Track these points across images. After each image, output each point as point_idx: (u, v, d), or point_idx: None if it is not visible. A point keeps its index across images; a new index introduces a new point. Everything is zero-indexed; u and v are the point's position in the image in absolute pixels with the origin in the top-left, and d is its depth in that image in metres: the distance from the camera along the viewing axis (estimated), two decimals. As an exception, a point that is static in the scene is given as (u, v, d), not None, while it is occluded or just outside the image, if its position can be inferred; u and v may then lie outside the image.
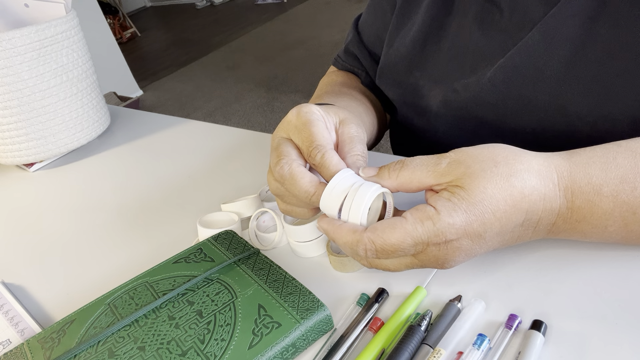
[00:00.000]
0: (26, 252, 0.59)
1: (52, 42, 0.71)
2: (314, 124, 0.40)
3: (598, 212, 0.35)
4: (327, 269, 0.45)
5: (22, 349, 0.40)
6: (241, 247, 0.46)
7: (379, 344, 0.35)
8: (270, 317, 0.37)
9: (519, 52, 0.47)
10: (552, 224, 0.36)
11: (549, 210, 0.35)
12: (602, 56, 0.43)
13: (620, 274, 0.37)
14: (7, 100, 0.70)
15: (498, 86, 0.49)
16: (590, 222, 0.36)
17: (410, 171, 0.36)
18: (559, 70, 0.45)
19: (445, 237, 0.33)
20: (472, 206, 0.33)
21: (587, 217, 0.35)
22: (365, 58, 0.67)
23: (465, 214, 0.33)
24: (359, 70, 0.69)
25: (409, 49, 0.57)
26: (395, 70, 0.60)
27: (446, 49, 0.54)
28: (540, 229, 0.36)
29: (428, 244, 0.34)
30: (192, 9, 6.18)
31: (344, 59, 0.71)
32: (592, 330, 0.34)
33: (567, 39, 0.44)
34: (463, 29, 0.52)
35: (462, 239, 0.34)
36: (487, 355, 0.33)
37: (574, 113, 0.45)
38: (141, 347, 0.37)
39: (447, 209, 0.33)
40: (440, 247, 0.34)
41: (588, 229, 0.36)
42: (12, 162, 0.76)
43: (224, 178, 0.63)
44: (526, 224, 0.35)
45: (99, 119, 0.81)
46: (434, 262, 0.35)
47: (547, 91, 0.46)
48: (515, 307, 0.37)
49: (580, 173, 0.35)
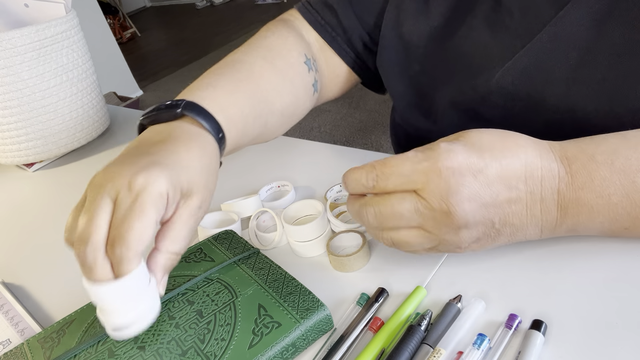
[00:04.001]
0: (26, 252, 0.59)
1: (52, 42, 0.71)
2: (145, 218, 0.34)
3: (597, 178, 0.36)
4: (327, 269, 0.45)
5: (22, 349, 0.40)
6: (241, 247, 0.46)
7: (379, 344, 0.35)
8: (270, 317, 0.37)
9: (528, 54, 0.46)
10: (557, 190, 0.36)
11: (547, 169, 0.36)
12: (611, 57, 0.42)
13: (621, 273, 0.37)
14: (7, 100, 0.70)
15: (506, 88, 0.48)
16: (592, 190, 0.36)
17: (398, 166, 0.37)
18: (568, 71, 0.45)
19: (444, 162, 0.35)
20: (470, 144, 0.36)
21: (588, 183, 0.36)
22: (349, 18, 0.59)
23: (462, 147, 0.36)
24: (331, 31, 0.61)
25: (424, 41, 0.54)
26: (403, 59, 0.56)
27: (455, 48, 0.53)
28: (546, 195, 0.36)
29: (427, 172, 0.35)
30: (192, 9, 6.19)
31: (318, 9, 0.61)
32: (592, 330, 0.34)
33: (576, 40, 0.44)
34: (472, 29, 0.51)
35: (464, 173, 0.35)
36: (487, 355, 0.33)
37: (583, 114, 0.45)
38: (141, 346, 0.37)
39: (445, 141, 0.36)
40: (441, 176, 0.34)
41: (593, 198, 0.36)
42: (12, 162, 0.76)
43: (224, 178, 0.63)
44: (530, 182, 0.36)
45: (99, 119, 0.81)
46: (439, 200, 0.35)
47: (555, 93, 0.46)
48: (515, 307, 0.37)
49: (571, 144, 0.38)
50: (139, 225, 0.34)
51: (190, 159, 0.39)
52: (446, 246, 0.37)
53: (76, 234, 0.35)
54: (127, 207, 0.34)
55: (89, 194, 0.36)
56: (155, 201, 0.35)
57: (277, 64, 0.55)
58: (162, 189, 0.35)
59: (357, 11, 0.60)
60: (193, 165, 0.39)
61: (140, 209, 0.34)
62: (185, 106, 0.43)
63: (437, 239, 0.36)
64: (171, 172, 0.36)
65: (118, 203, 0.35)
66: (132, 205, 0.34)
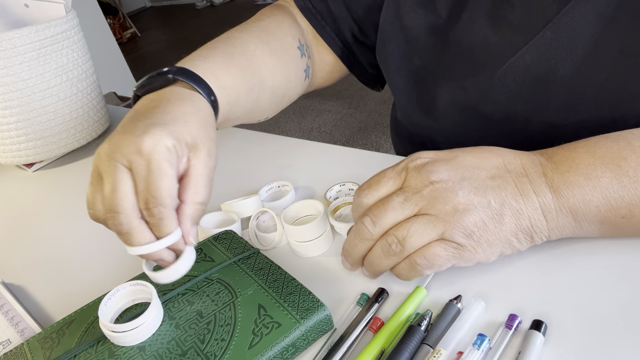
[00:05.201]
0: (26, 252, 0.59)
1: (52, 42, 0.71)
2: (165, 175, 0.36)
3: (581, 163, 0.37)
4: (327, 269, 0.45)
5: (22, 349, 0.40)
6: (241, 247, 0.46)
7: (379, 344, 0.35)
8: (270, 317, 0.37)
9: (531, 51, 0.46)
10: (542, 174, 0.37)
11: (527, 159, 0.38)
12: (616, 55, 0.42)
13: (621, 273, 0.37)
14: (7, 100, 0.70)
15: (508, 85, 0.48)
16: (578, 172, 0.36)
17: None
18: (571, 69, 0.44)
19: (416, 160, 0.39)
20: (440, 150, 0.40)
21: (573, 167, 0.37)
22: (338, 8, 0.59)
23: (435, 152, 0.40)
24: (320, 20, 0.60)
25: (425, 34, 0.53)
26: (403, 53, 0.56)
27: (456, 43, 0.52)
28: (534, 178, 0.37)
29: (404, 168, 0.38)
30: (192, 9, 6.18)
31: None
32: (592, 330, 0.34)
33: (580, 37, 0.43)
34: (473, 23, 0.50)
35: (437, 160, 0.38)
36: (487, 355, 0.33)
37: (586, 113, 0.44)
38: (141, 346, 0.37)
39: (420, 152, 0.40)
40: (416, 168, 0.38)
41: (582, 180, 0.36)
42: (12, 162, 0.76)
43: (224, 178, 0.63)
44: (510, 167, 0.37)
45: (99, 119, 0.81)
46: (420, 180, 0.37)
47: (558, 91, 0.45)
48: (515, 307, 0.37)
49: (549, 148, 0.40)
50: (165, 184, 0.36)
51: (186, 114, 0.41)
52: (454, 235, 0.36)
53: (105, 206, 0.36)
54: (145, 170, 0.36)
55: (102, 167, 0.37)
56: (167, 157, 0.37)
57: (272, 44, 0.55)
58: (169, 144, 0.37)
59: (347, 1, 0.60)
60: (190, 120, 0.40)
61: (158, 168, 0.36)
62: (177, 72, 0.45)
63: (436, 220, 0.36)
64: (171, 128, 0.38)
65: (135, 169, 0.36)
66: (149, 167, 0.36)
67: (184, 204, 0.38)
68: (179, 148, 0.38)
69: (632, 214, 0.36)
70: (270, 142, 0.70)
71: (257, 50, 0.53)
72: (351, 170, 0.59)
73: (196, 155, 0.39)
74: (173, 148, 0.37)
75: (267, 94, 0.55)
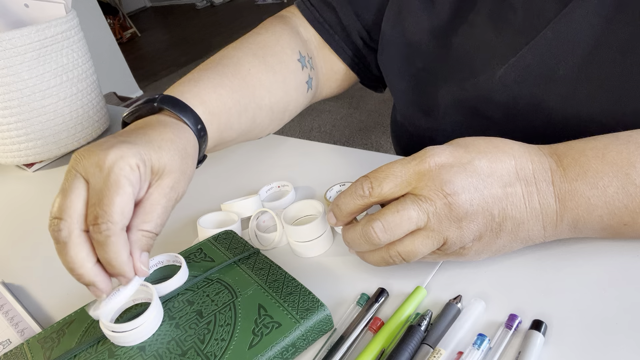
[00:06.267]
0: (26, 252, 0.59)
1: (52, 42, 0.71)
2: (121, 191, 0.35)
3: (590, 170, 0.36)
4: (327, 269, 0.45)
5: (22, 349, 0.40)
6: (241, 247, 0.46)
7: (379, 344, 0.35)
8: (270, 317, 0.37)
9: (531, 51, 0.46)
10: (551, 182, 0.36)
11: (538, 163, 0.37)
12: (616, 56, 0.42)
13: (621, 273, 0.37)
14: (7, 100, 0.70)
15: (509, 85, 0.48)
16: (586, 181, 0.36)
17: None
18: (572, 69, 0.44)
19: (431, 158, 0.36)
20: (455, 144, 0.37)
21: (581, 175, 0.36)
22: (347, 16, 0.58)
23: (448, 146, 0.37)
24: (329, 29, 0.60)
25: (427, 38, 0.53)
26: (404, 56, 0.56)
27: (457, 45, 0.52)
28: (542, 187, 0.36)
29: (417, 171, 0.36)
30: (192, 9, 6.19)
31: (317, 6, 0.61)
32: (592, 330, 0.34)
33: (580, 38, 0.43)
34: (475, 26, 0.50)
35: (453, 165, 0.36)
36: (487, 355, 0.33)
37: (586, 113, 0.44)
38: (141, 347, 0.37)
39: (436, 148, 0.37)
40: (431, 171, 0.35)
41: (588, 189, 0.36)
42: (12, 162, 0.76)
43: (224, 178, 0.63)
44: (522, 174, 0.36)
45: (99, 119, 0.81)
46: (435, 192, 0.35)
47: (559, 91, 0.45)
48: (515, 307, 0.37)
49: (560, 144, 0.39)
50: (119, 200, 0.34)
51: (162, 140, 0.40)
52: (451, 246, 0.36)
53: (50, 213, 0.35)
54: (102, 183, 0.35)
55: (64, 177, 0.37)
56: (127, 175, 0.35)
57: (268, 60, 0.55)
58: (132, 163, 0.36)
59: (355, 9, 0.59)
60: (165, 147, 0.39)
61: (115, 183, 0.35)
62: (162, 100, 0.45)
63: (441, 236, 0.36)
64: (140, 149, 0.37)
65: (91, 182, 0.35)
66: (106, 181, 0.35)
67: (130, 228, 0.36)
68: (142, 170, 0.37)
69: (634, 222, 0.36)
70: (270, 142, 0.70)
71: (252, 69, 0.53)
72: (351, 170, 0.59)
73: (158, 183, 0.38)
74: (137, 168, 0.36)
75: (265, 111, 0.54)
